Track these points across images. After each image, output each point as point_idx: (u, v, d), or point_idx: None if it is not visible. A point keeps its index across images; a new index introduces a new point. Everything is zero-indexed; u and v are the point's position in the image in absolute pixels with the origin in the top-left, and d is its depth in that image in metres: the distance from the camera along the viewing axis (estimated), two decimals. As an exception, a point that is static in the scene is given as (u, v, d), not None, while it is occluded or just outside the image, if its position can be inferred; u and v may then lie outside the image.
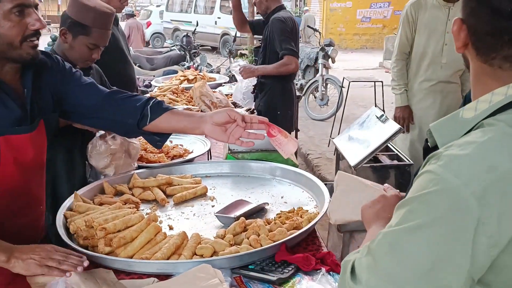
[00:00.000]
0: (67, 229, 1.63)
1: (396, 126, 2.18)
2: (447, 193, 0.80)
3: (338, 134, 5.84)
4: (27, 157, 1.48)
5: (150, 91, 5.58)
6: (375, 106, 6.07)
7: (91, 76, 2.33)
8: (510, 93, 0.86)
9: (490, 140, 0.82)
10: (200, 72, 5.25)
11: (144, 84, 7.00)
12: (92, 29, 2.12)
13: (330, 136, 6.19)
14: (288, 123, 3.92)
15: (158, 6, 23.25)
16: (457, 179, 0.80)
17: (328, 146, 6.15)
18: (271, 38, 3.73)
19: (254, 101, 3.88)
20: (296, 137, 4.44)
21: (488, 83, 0.90)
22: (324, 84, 7.71)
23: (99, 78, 2.45)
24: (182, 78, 4.73)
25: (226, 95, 3.99)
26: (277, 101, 3.82)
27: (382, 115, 2.28)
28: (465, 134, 0.88)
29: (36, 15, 1.44)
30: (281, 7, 3.90)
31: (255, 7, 3.94)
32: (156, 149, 2.45)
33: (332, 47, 7.82)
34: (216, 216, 1.78)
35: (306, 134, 6.75)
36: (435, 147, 0.93)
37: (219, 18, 18.07)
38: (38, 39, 1.47)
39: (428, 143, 0.99)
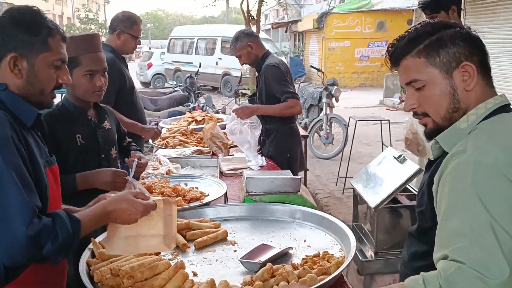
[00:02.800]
0: (90, 277, 1.60)
1: (415, 167, 2.17)
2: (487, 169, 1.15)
3: (346, 172, 5.83)
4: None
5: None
6: (382, 144, 6.10)
7: (107, 119, 2.34)
8: (488, 107, 1.32)
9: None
10: (207, 113, 5.29)
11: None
12: (79, 57, 2.12)
13: (338, 175, 6.18)
14: (298, 162, 3.91)
15: (159, 47, 23.70)
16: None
17: (336, 185, 6.12)
18: (267, 84, 3.69)
19: (261, 147, 3.84)
20: (305, 176, 4.41)
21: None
22: (329, 123, 7.76)
23: (114, 119, 2.46)
24: (190, 119, 4.77)
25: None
26: (286, 144, 3.80)
27: (400, 155, 2.28)
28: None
29: (67, 71, 1.59)
30: (268, 53, 3.86)
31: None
32: (173, 193, 2.44)
33: (335, 86, 7.90)
34: (241, 261, 1.75)
35: (313, 173, 6.73)
36: (437, 159, 1.38)
37: (220, 59, 18.38)
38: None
39: (431, 158, 1.42)
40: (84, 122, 2.22)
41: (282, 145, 3.76)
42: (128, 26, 3.56)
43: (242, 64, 4.01)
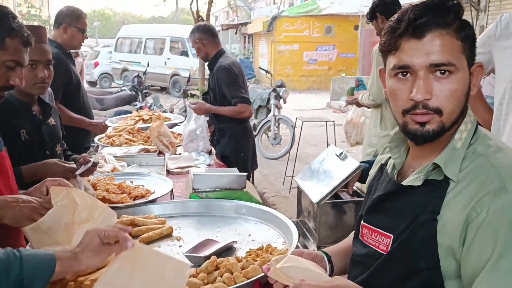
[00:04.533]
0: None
1: (355, 164, 2.26)
2: None
3: (293, 172, 5.94)
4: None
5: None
6: (327, 145, 6.26)
7: (52, 115, 2.30)
8: (472, 120, 1.16)
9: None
10: (154, 112, 5.25)
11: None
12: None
13: (285, 175, 6.28)
14: (251, 162, 3.98)
15: (105, 46, 23.16)
16: None
17: (283, 184, 6.22)
18: (219, 86, 3.77)
19: (215, 147, 3.88)
20: (252, 176, 4.48)
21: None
22: (277, 124, 7.87)
23: (58, 117, 2.41)
24: (137, 118, 4.71)
25: (181, 134, 3.99)
26: (240, 143, 3.88)
27: (342, 153, 2.37)
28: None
29: (21, 75, 1.64)
30: (221, 52, 3.91)
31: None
32: (118, 190, 2.42)
33: (283, 88, 8.03)
34: (186, 256, 1.77)
35: (261, 172, 6.81)
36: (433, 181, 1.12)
37: (168, 59, 18.20)
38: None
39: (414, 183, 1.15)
40: (29, 117, 2.16)
41: (237, 144, 3.83)
42: (74, 19, 3.49)
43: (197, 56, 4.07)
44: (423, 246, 1.09)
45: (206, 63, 4.00)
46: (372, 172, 1.46)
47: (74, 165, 2.12)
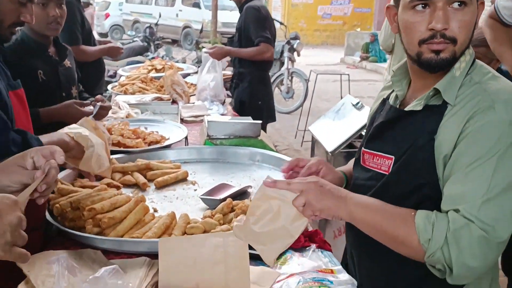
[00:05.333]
0: (50, 212, 1.60)
1: (372, 113, 2.24)
2: None
3: (305, 126, 5.92)
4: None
5: (115, 81, 5.49)
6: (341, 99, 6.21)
7: (68, 57, 2.29)
8: (470, 52, 1.26)
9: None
10: (167, 62, 5.20)
11: (109, 74, 6.86)
12: None
13: (297, 128, 6.27)
14: (266, 113, 3.96)
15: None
16: None
17: (295, 138, 6.22)
18: (246, 27, 3.77)
19: (233, 92, 3.88)
20: (264, 129, 4.47)
21: None
22: (290, 77, 7.79)
23: (74, 60, 2.41)
24: (150, 67, 4.67)
25: (194, 84, 3.97)
26: (258, 91, 3.88)
27: (358, 102, 2.34)
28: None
29: (32, 11, 1.57)
30: None
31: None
32: (132, 135, 2.43)
33: (298, 41, 7.91)
34: (201, 198, 1.78)
35: (273, 126, 6.79)
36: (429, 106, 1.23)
37: (180, 11, 17.90)
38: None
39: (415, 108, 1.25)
40: (45, 59, 2.17)
41: (254, 91, 3.83)
42: None
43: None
44: (423, 165, 1.21)
45: (238, 7, 4.00)
46: (374, 106, 1.50)
47: (91, 107, 2.12)
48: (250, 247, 1.19)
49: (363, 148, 1.41)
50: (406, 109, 1.29)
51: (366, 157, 1.39)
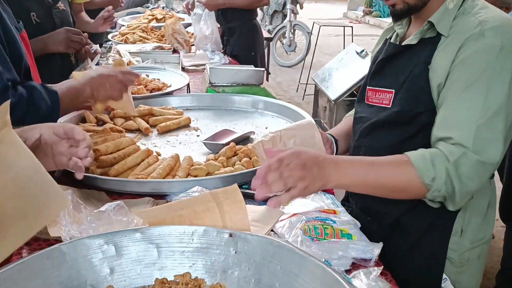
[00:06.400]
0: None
1: (376, 61, 2.21)
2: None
3: (307, 79, 5.87)
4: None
5: (115, 31, 5.39)
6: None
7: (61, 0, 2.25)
8: None
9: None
10: (168, 12, 5.10)
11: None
12: None
13: (299, 82, 6.21)
14: (262, 63, 3.92)
15: None
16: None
17: (297, 91, 6.18)
18: None
19: (225, 48, 3.80)
20: (267, 80, 4.43)
21: None
22: (292, 30, 7.66)
23: (67, 3, 2.36)
24: (150, 17, 4.59)
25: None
26: (251, 41, 3.80)
27: (363, 50, 2.30)
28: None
29: None
30: None
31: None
32: (134, 82, 2.40)
33: (300, -8, 7.72)
34: (204, 143, 1.78)
35: (274, 80, 6.75)
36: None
37: (180, -39, 17.43)
38: None
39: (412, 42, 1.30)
40: (38, 0, 2.11)
41: (247, 42, 3.76)
42: None
43: None
44: (420, 93, 1.27)
45: None
46: (377, 48, 1.55)
47: (80, 38, 2.09)
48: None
49: (367, 86, 1.45)
50: (403, 43, 1.35)
51: (369, 94, 1.44)
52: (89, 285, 0.96)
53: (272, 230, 1.23)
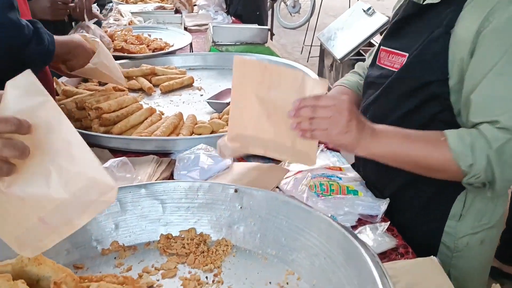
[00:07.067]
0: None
1: (384, 18, 2.15)
2: None
3: (312, 42, 5.77)
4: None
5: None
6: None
7: None
8: None
9: None
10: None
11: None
12: None
13: (304, 44, 6.12)
14: (266, 23, 3.84)
15: None
16: None
17: (301, 53, 6.09)
18: None
19: (228, 6, 3.72)
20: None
21: None
22: (296, -10, 7.50)
23: None
24: (151, -23, 4.47)
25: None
26: (254, 1, 3.71)
27: (370, 8, 2.24)
28: None
29: None
30: None
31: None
32: (136, 41, 2.36)
33: (305, -49, 7.51)
34: (208, 102, 1.76)
35: (278, 42, 6.65)
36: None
37: None
38: None
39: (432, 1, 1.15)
40: None
41: (250, 2, 3.66)
42: None
43: None
44: (434, 59, 1.12)
45: None
46: (398, 5, 1.40)
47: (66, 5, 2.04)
48: None
49: (381, 46, 1.32)
50: (424, 2, 1.18)
51: (382, 55, 1.31)
52: (94, 240, 0.96)
53: (277, 187, 1.22)
